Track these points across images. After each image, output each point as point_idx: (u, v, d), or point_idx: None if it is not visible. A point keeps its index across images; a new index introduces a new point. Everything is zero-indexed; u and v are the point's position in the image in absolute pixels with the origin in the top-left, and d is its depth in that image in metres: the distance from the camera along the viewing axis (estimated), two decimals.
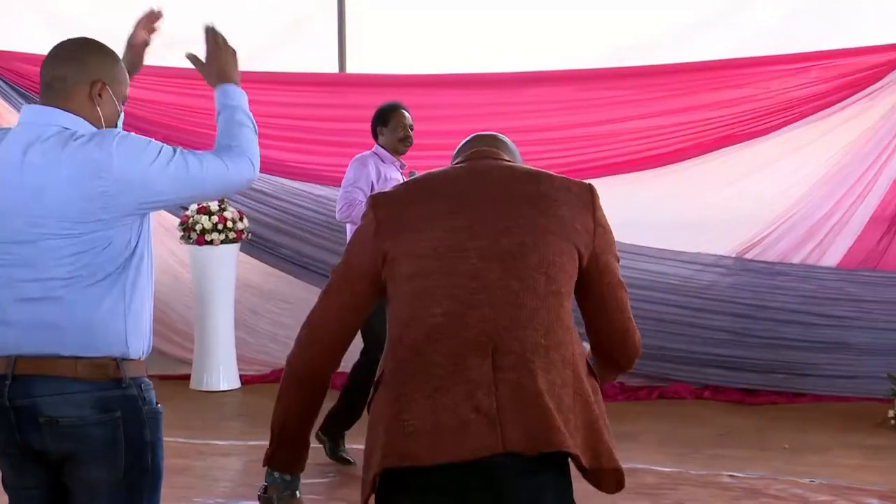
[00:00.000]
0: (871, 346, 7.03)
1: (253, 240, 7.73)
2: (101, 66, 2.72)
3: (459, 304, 2.31)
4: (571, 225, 2.37)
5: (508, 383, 2.27)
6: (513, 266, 2.33)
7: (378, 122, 6.02)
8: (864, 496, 5.26)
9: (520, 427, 2.25)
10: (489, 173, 2.46)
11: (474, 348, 2.29)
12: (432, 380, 2.29)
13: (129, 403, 2.63)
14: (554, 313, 2.33)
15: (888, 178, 7.12)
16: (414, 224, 2.38)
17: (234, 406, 7.19)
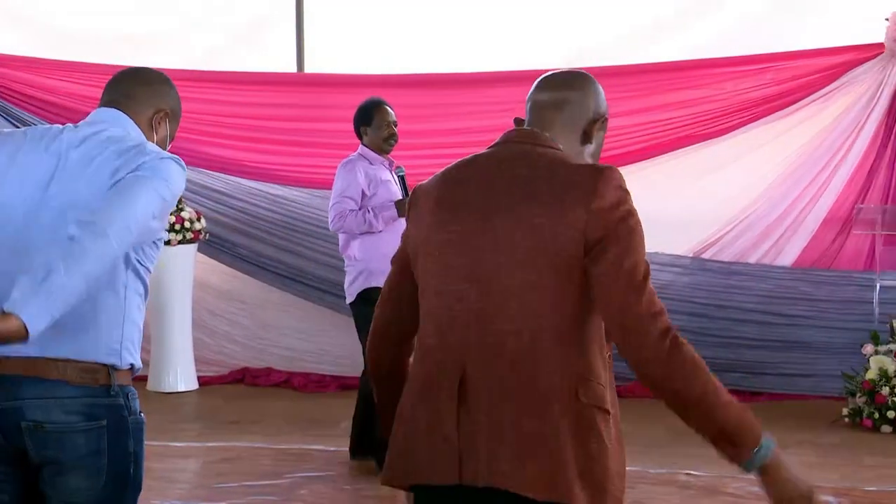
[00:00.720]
0: (826, 345, 7.10)
1: (210, 240, 7.68)
2: (168, 97, 2.85)
3: (443, 328, 2.30)
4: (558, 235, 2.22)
5: (470, 414, 2.25)
6: (490, 289, 2.26)
7: (361, 122, 5.78)
8: (819, 493, 5.30)
9: (479, 461, 2.24)
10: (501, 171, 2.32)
11: (447, 375, 2.28)
12: (418, 402, 2.32)
13: (116, 412, 2.59)
14: (531, 336, 2.23)
15: (842, 178, 7.20)
16: (425, 234, 2.36)
17: (191, 407, 7.14)
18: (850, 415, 6.52)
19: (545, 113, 2.40)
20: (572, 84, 2.44)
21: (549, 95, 2.42)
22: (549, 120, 2.39)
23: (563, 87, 2.43)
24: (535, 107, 2.41)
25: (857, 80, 7.18)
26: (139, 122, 2.75)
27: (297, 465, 5.79)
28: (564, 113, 2.40)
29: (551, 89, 2.42)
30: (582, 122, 2.42)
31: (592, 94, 2.45)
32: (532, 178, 2.29)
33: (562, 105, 2.40)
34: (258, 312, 7.94)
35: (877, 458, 5.93)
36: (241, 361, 7.86)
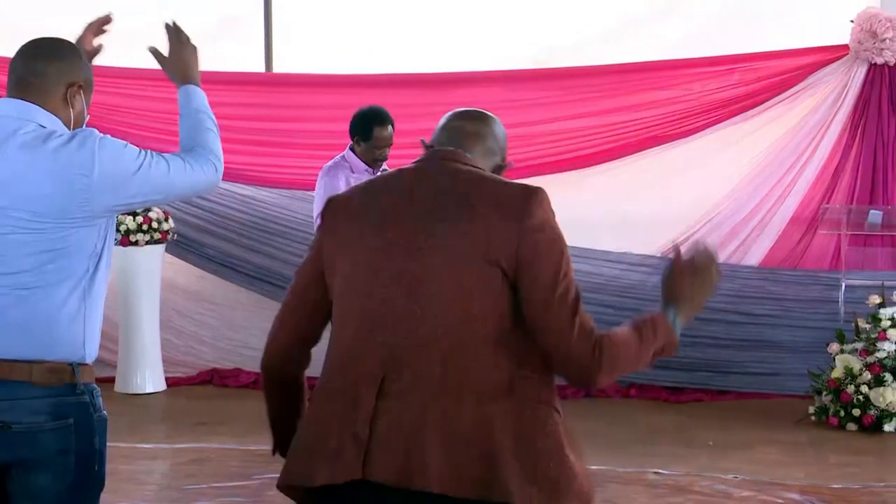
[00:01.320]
0: (792, 344, 7.15)
1: (178, 240, 7.65)
2: (79, 69, 2.75)
3: (365, 330, 2.31)
4: (490, 242, 2.27)
5: (388, 413, 2.25)
6: (417, 292, 2.28)
7: (358, 132, 5.67)
8: (785, 491, 5.35)
9: (388, 459, 2.24)
10: (430, 183, 2.37)
11: (367, 375, 2.28)
12: (330, 405, 2.32)
13: (82, 410, 2.59)
14: (458, 340, 2.25)
15: (807, 179, 7.26)
16: (346, 239, 2.37)
17: (159, 408, 7.11)
18: (816, 413, 6.58)
19: (467, 140, 2.46)
20: (491, 121, 2.51)
21: (472, 126, 2.49)
22: (472, 146, 2.45)
23: (483, 122, 2.50)
24: (456, 132, 2.47)
25: (823, 82, 7.24)
26: (51, 102, 2.67)
27: (266, 466, 5.76)
28: (485, 144, 2.47)
29: (472, 121, 2.50)
30: (496, 158, 2.49)
31: (503, 137, 2.52)
32: (463, 192, 2.34)
33: (483, 137, 2.47)
34: (227, 313, 7.91)
35: (842, 456, 5.98)
36: (210, 362, 7.83)
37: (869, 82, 7.16)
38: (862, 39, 7.07)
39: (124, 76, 7.83)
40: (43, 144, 2.58)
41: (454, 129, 2.48)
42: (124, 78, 7.83)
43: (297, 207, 7.63)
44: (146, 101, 7.85)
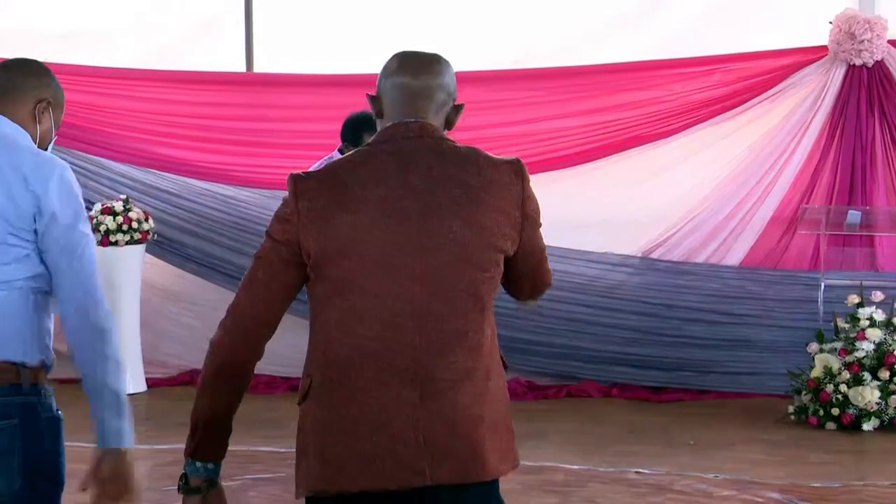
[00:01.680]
0: (772, 344, 7.18)
1: (159, 241, 7.62)
2: (50, 87, 2.75)
3: (389, 329, 2.26)
4: (496, 227, 2.32)
5: (434, 413, 2.25)
6: (438, 287, 2.27)
7: (347, 137, 5.57)
8: (765, 490, 5.37)
9: (447, 459, 2.25)
10: (420, 169, 2.32)
11: (398, 375, 2.25)
12: (353, 405, 2.26)
13: (29, 411, 2.56)
14: (480, 330, 2.31)
15: (787, 178, 7.29)
16: (345, 234, 2.29)
17: (139, 409, 7.08)
18: (795, 412, 6.61)
19: (420, 102, 2.39)
20: (438, 70, 2.43)
21: (420, 83, 2.40)
22: (425, 109, 2.39)
23: (431, 73, 2.41)
24: (408, 94, 2.39)
25: (802, 82, 7.27)
26: (20, 115, 2.68)
27: (246, 466, 5.76)
28: (434, 102, 2.40)
29: (421, 75, 2.40)
30: (447, 107, 2.43)
31: (451, 80, 2.45)
32: (461, 178, 2.32)
33: (433, 92, 2.40)
34: (207, 314, 7.87)
35: (822, 454, 6.01)
36: (190, 363, 7.80)
37: (848, 83, 7.19)
38: (840, 41, 7.10)
39: (104, 75, 7.81)
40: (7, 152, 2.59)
41: (405, 91, 2.39)
42: (105, 77, 7.81)
43: (277, 207, 7.61)
44: (126, 101, 7.82)
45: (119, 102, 7.83)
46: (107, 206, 7.35)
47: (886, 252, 7.23)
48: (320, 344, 2.32)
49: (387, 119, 2.41)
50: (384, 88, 2.42)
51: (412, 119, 2.37)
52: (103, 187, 7.77)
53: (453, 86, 2.44)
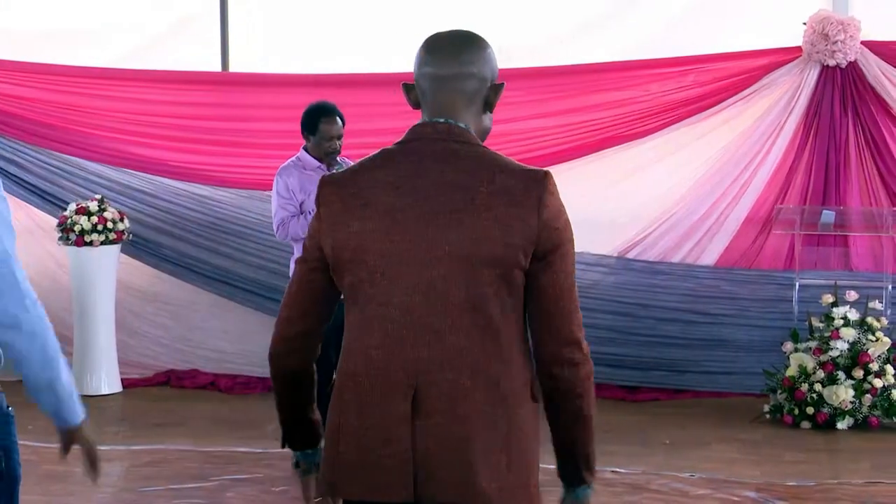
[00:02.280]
0: (747, 343, 7.21)
1: (134, 241, 7.59)
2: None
3: (390, 340, 2.25)
4: (505, 238, 2.22)
5: (427, 430, 2.23)
6: (437, 302, 2.23)
7: (305, 128, 5.62)
8: (741, 489, 5.40)
9: (435, 477, 2.23)
10: (429, 172, 2.28)
11: (398, 389, 2.24)
12: (363, 416, 2.27)
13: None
14: (483, 349, 2.23)
15: (762, 179, 7.32)
16: (354, 240, 2.28)
17: (115, 410, 7.06)
18: (770, 411, 6.64)
19: (447, 97, 2.33)
20: (466, 58, 2.34)
21: (450, 70, 2.32)
22: (451, 103, 2.33)
23: (457, 61, 2.32)
24: (434, 86, 2.33)
25: (777, 83, 7.30)
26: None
27: (223, 467, 5.75)
28: (464, 94, 2.33)
29: (451, 62, 2.32)
30: (483, 92, 2.37)
31: (489, 60, 2.38)
32: (469, 185, 2.26)
33: (460, 85, 2.33)
34: (183, 314, 7.86)
35: (797, 453, 6.05)
36: (166, 363, 7.78)
37: (822, 84, 7.23)
38: (814, 41, 7.14)
39: (80, 75, 7.77)
40: None
41: (433, 81, 2.33)
42: (80, 77, 7.77)
43: (254, 208, 7.60)
44: (102, 101, 7.78)
45: (94, 102, 7.79)
46: (82, 206, 7.32)
47: (860, 252, 7.28)
48: (343, 350, 2.34)
49: (423, 112, 2.37)
50: (417, 79, 2.36)
51: (441, 119, 2.33)
52: (78, 187, 7.74)
53: (488, 68, 2.36)
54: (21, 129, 7.78)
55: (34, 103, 7.77)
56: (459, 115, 2.34)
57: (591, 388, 2.34)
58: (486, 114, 2.39)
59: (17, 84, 7.67)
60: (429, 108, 2.35)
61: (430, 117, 2.34)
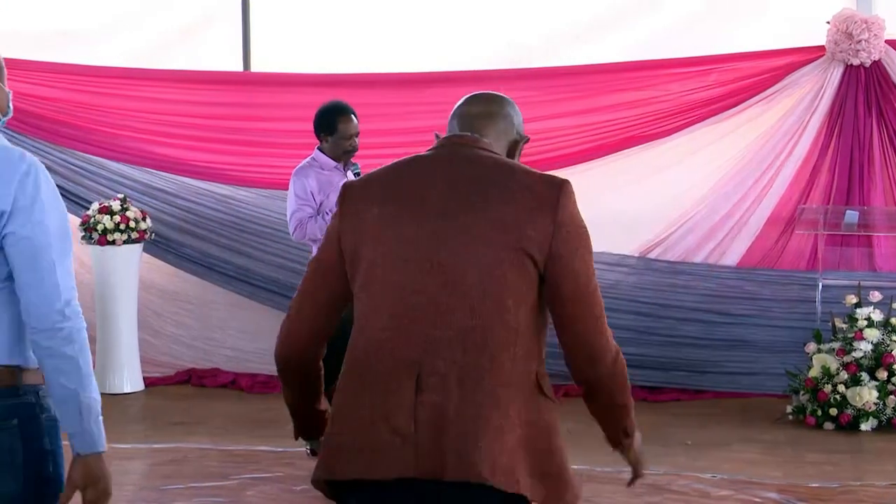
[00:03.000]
0: (769, 344, 7.18)
1: (156, 240, 7.62)
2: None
3: (398, 321, 2.29)
4: (520, 229, 2.28)
5: (429, 406, 2.25)
6: (448, 282, 2.28)
7: (322, 128, 5.62)
8: (763, 490, 5.37)
9: (435, 452, 2.24)
10: (453, 170, 2.37)
11: (404, 368, 2.27)
12: (365, 396, 2.30)
13: (27, 411, 2.54)
14: (491, 331, 2.27)
15: (785, 179, 7.29)
16: (370, 228, 2.35)
17: (137, 408, 7.08)
18: (793, 412, 6.61)
19: (478, 122, 2.45)
20: (500, 101, 2.50)
21: (480, 108, 2.48)
22: (483, 127, 2.44)
23: (492, 102, 2.51)
24: (467, 117, 2.46)
25: (800, 82, 7.27)
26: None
27: (244, 466, 5.76)
28: (497, 125, 2.46)
29: (481, 103, 2.49)
30: (510, 136, 2.48)
31: (516, 114, 2.51)
32: (488, 179, 2.33)
33: (494, 117, 2.47)
34: (205, 313, 7.88)
35: (819, 454, 6.01)
36: (188, 362, 7.80)
37: (845, 83, 7.19)
38: (838, 40, 7.10)
39: (102, 75, 7.80)
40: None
41: (463, 116, 2.47)
42: (102, 76, 7.80)
43: (275, 207, 7.61)
44: (124, 100, 7.81)
45: (117, 102, 7.82)
46: (104, 206, 7.35)
47: (884, 252, 7.23)
48: (350, 339, 2.38)
49: None
50: (449, 124, 2.50)
51: (468, 132, 2.44)
52: (101, 186, 7.77)
53: (518, 121, 2.51)
54: (43, 128, 7.81)
55: (56, 103, 7.81)
56: (488, 136, 2.44)
57: (620, 384, 2.43)
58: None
59: (39, 84, 7.71)
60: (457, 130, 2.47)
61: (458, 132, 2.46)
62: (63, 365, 2.51)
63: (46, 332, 2.49)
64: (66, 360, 2.51)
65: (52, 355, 2.50)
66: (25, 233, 2.47)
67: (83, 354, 2.54)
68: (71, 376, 2.51)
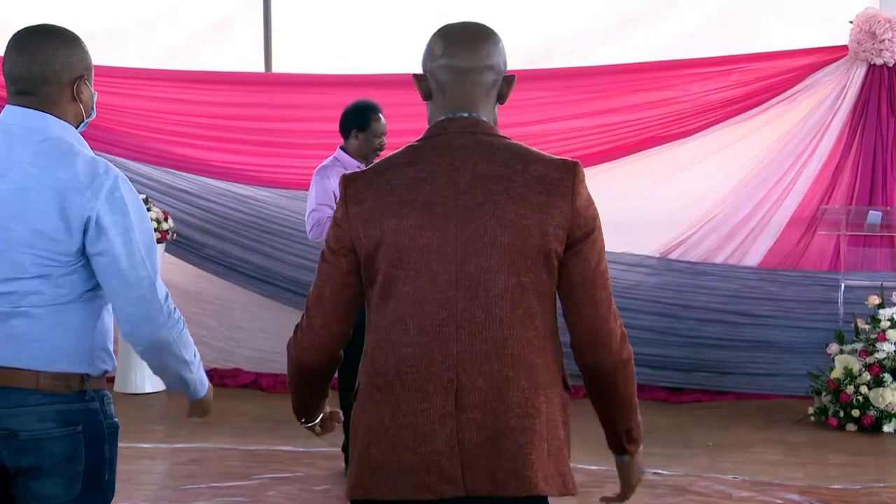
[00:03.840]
0: (791, 345, 7.15)
1: (178, 240, 7.65)
2: (79, 60, 2.61)
3: (427, 336, 2.24)
4: (541, 228, 2.24)
5: (472, 423, 2.22)
6: (478, 294, 2.23)
7: (354, 124, 5.57)
8: (784, 491, 5.35)
9: (484, 470, 2.22)
10: (464, 165, 2.28)
11: (440, 385, 2.23)
12: (398, 414, 2.25)
13: (92, 417, 2.56)
14: (523, 338, 2.24)
15: (807, 179, 7.26)
16: (385, 234, 2.26)
17: (158, 408, 7.11)
18: (815, 414, 6.58)
19: (468, 90, 2.34)
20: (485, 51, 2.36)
21: (470, 63, 2.34)
22: (473, 97, 2.35)
23: (476, 54, 2.35)
24: (454, 79, 2.34)
25: (822, 82, 7.24)
26: (61, 104, 2.57)
27: (265, 466, 5.77)
28: (483, 87, 2.36)
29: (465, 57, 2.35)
30: (497, 85, 2.39)
31: (502, 52, 2.40)
32: (504, 175, 2.27)
33: (480, 78, 2.35)
34: (226, 313, 7.91)
35: (842, 456, 5.99)
36: (209, 362, 7.81)
37: (868, 83, 7.16)
38: (861, 40, 7.07)
39: (123, 76, 7.83)
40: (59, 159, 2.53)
41: (448, 72, 2.34)
42: (124, 77, 7.83)
43: (296, 207, 7.63)
44: (145, 101, 7.84)
45: (138, 103, 7.85)
46: None
47: None
48: (370, 350, 2.32)
49: (436, 104, 2.37)
50: (431, 70, 2.38)
51: (465, 113, 2.34)
52: None
53: (503, 60, 2.39)
54: None
55: None
56: (480, 108, 2.36)
57: (625, 373, 2.35)
58: (497, 105, 2.42)
59: None
60: (447, 100, 2.35)
61: (450, 111, 2.35)
62: (165, 368, 2.67)
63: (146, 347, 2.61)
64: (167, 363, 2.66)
65: (155, 364, 2.66)
66: (117, 253, 2.50)
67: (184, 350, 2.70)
68: (173, 370, 2.69)
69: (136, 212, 2.53)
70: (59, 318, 2.52)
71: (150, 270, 2.53)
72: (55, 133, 2.54)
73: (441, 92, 2.36)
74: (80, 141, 2.58)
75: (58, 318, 2.52)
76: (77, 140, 2.57)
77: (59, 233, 2.48)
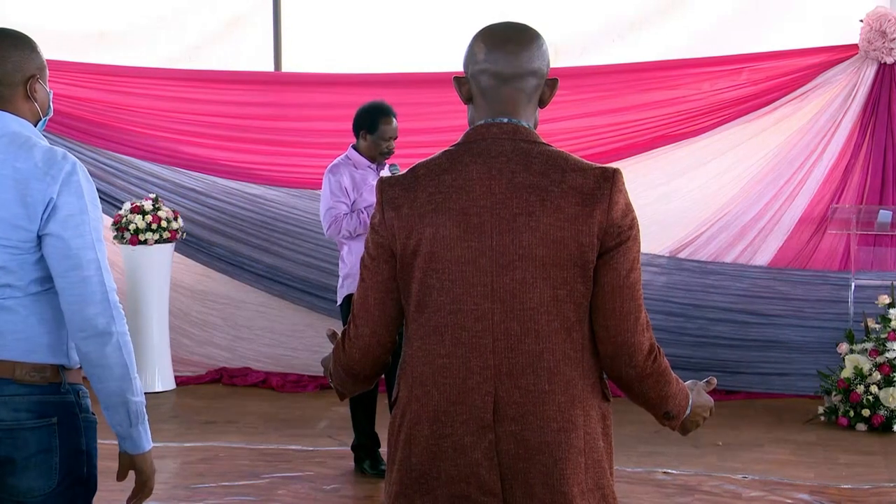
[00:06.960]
0: (801, 344, 7.14)
1: (187, 239, 7.66)
2: (30, 60, 2.63)
3: (463, 348, 2.23)
4: (577, 239, 2.21)
5: (510, 436, 2.21)
6: (513, 307, 2.21)
7: (363, 125, 5.57)
8: (794, 491, 5.35)
9: (522, 484, 2.22)
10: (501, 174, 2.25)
11: (477, 397, 2.22)
12: (438, 425, 2.25)
13: (66, 409, 2.57)
14: (560, 351, 2.22)
15: (817, 178, 7.25)
16: (421, 243, 2.25)
17: (168, 407, 7.12)
18: (825, 413, 6.57)
19: (509, 95, 2.31)
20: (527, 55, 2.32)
21: (512, 69, 2.30)
22: (514, 102, 2.32)
23: (519, 58, 2.31)
24: (495, 84, 2.30)
25: (832, 81, 7.22)
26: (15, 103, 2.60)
27: (275, 465, 5.78)
28: (525, 93, 2.32)
29: (508, 62, 2.30)
30: (539, 89, 2.36)
31: (545, 56, 2.36)
32: (540, 185, 2.24)
33: (522, 83, 2.31)
34: (236, 312, 7.92)
35: (852, 455, 5.98)
36: (219, 361, 7.84)
37: (878, 82, 7.14)
38: (871, 39, 7.06)
39: (133, 75, 7.85)
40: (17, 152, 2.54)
41: (490, 77, 2.30)
42: (134, 77, 7.85)
43: (305, 207, 7.64)
44: (155, 101, 7.86)
45: (148, 102, 7.87)
46: (136, 205, 7.39)
47: None
48: (408, 358, 2.32)
49: (477, 108, 2.34)
50: (472, 74, 2.33)
51: (504, 119, 2.31)
52: (132, 186, 7.83)
53: (545, 63, 2.35)
54: (76, 128, 7.87)
55: (89, 103, 7.86)
56: (521, 114, 2.32)
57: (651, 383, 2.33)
58: (538, 109, 2.39)
59: (71, 84, 7.77)
60: (488, 105, 2.32)
61: (491, 116, 2.32)
62: (106, 370, 2.53)
63: (89, 334, 2.51)
64: (109, 363, 2.53)
65: (95, 358, 2.52)
66: (67, 234, 2.50)
67: (127, 357, 2.55)
68: (115, 380, 2.54)
69: (91, 198, 2.56)
70: (32, 308, 2.53)
71: (98, 255, 2.53)
72: (12, 128, 2.58)
73: (482, 96, 2.33)
74: (37, 135, 2.62)
75: (31, 308, 2.53)
76: (35, 134, 2.61)
77: (22, 220, 2.50)
